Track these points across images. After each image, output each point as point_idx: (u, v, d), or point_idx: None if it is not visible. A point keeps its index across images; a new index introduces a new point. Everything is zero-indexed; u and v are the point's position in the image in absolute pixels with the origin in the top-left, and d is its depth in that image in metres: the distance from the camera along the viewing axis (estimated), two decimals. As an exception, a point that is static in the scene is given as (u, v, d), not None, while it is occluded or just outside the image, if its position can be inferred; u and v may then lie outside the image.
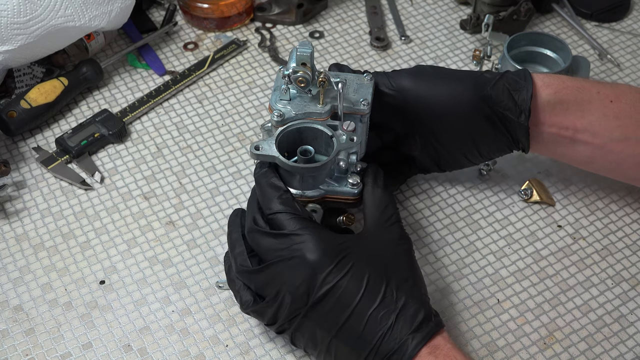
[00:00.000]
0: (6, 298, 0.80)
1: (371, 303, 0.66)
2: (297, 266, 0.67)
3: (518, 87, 0.77)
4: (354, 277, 0.67)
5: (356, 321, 0.66)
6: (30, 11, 0.90)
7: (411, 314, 0.66)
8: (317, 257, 0.67)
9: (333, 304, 0.66)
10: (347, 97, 0.76)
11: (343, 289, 0.66)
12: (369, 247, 0.70)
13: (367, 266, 0.67)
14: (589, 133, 0.78)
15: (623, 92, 0.79)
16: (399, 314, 0.66)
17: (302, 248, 0.67)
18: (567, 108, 0.77)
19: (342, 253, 0.68)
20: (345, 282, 0.66)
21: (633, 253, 0.84)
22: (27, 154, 0.93)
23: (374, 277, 0.67)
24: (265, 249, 0.70)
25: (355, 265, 0.67)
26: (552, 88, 0.77)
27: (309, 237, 0.68)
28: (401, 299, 0.66)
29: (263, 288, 0.70)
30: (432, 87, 0.78)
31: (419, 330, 0.65)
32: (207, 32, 1.09)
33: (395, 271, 0.68)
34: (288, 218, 0.69)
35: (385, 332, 0.65)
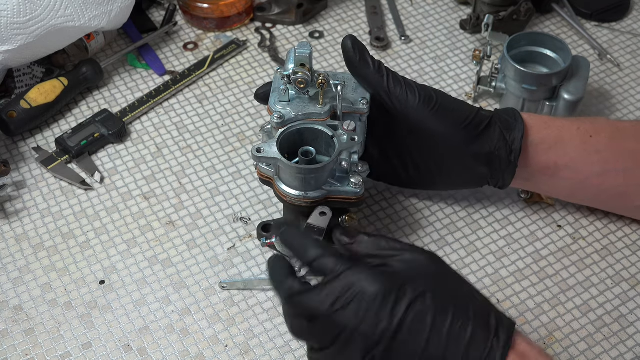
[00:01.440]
0: (6, 298, 0.80)
1: (444, 318, 0.61)
2: (360, 304, 0.61)
3: (510, 127, 0.78)
4: (419, 298, 0.62)
5: (436, 342, 0.61)
6: (30, 11, 0.90)
7: (484, 318, 0.62)
8: (379, 290, 0.61)
9: (408, 331, 0.61)
10: (346, 97, 0.76)
11: (415, 313, 0.61)
12: (411, 266, 0.65)
13: (423, 284, 0.63)
14: (570, 170, 0.79)
15: (602, 125, 0.81)
16: (474, 322, 0.61)
17: (360, 285, 0.62)
18: (549, 147, 0.79)
19: (396, 278, 0.63)
20: (414, 305, 0.61)
21: (633, 253, 0.84)
22: (27, 154, 0.93)
23: (435, 292, 0.62)
24: (316, 306, 0.63)
25: (412, 287, 0.62)
26: (535, 129, 0.79)
27: (363, 274, 0.62)
28: (469, 305, 0.62)
29: (324, 343, 0.64)
30: (432, 116, 0.77)
31: (498, 333, 0.61)
32: (207, 32, 1.09)
33: (446, 280, 0.65)
34: (333, 260, 0.64)
35: (467, 343, 0.61)
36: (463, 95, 1.00)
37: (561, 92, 0.91)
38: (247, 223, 0.86)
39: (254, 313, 0.79)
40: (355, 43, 0.76)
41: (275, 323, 0.78)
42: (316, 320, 0.63)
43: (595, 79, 1.02)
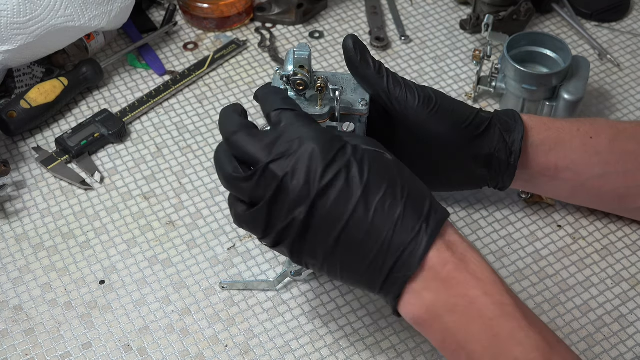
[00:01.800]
0: (6, 298, 0.80)
1: (376, 191, 0.60)
2: (296, 161, 0.61)
3: (509, 128, 0.78)
4: (354, 164, 0.61)
5: (362, 213, 0.60)
6: (30, 11, 0.90)
7: (418, 202, 0.61)
8: (316, 148, 0.61)
9: (337, 195, 0.60)
10: (345, 98, 0.76)
11: (346, 179, 0.61)
12: (362, 142, 0.65)
13: (362, 153, 0.63)
14: (571, 171, 0.79)
15: (602, 127, 0.81)
16: (407, 202, 0.61)
17: (303, 139, 0.62)
18: (549, 149, 0.79)
19: (340, 142, 0.63)
20: (347, 172, 0.61)
21: (633, 253, 0.84)
22: (27, 154, 0.93)
23: (372, 164, 0.62)
24: (255, 151, 0.63)
25: (352, 151, 0.62)
26: (535, 130, 0.79)
27: (311, 129, 0.62)
28: (405, 187, 0.62)
29: (256, 193, 0.63)
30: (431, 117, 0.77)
31: (429, 219, 0.61)
32: (207, 32, 1.09)
33: (387, 159, 0.64)
34: (292, 114, 0.64)
35: (395, 222, 0.60)
36: (463, 95, 1.00)
37: (561, 92, 0.91)
38: None
39: (254, 313, 0.79)
40: (357, 43, 0.76)
41: (275, 323, 0.78)
42: (254, 167, 0.63)
43: (595, 79, 1.02)
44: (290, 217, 0.62)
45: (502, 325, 0.60)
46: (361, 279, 0.63)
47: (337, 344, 0.77)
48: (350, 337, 0.77)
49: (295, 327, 0.78)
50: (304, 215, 0.61)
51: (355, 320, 0.79)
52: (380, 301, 0.80)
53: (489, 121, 0.78)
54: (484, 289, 0.61)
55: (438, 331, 0.62)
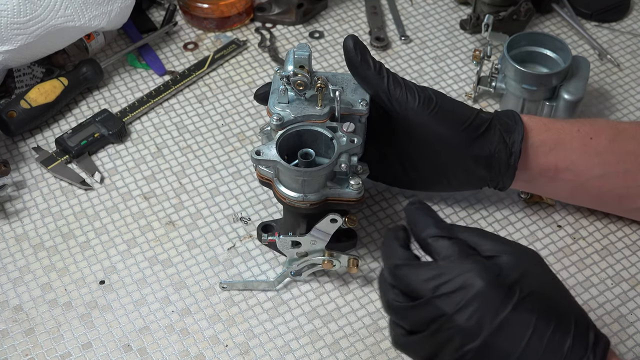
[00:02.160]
0: (6, 298, 0.80)
1: (547, 325, 0.59)
2: (464, 298, 0.59)
3: (509, 129, 0.78)
4: (526, 299, 0.59)
5: (535, 348, 0.58)
6: (30, 11, 0.90)
7: (584, 332, 0.60)
8: (488, 285, 0.59)
9: (509, 333, 0.59)
10: (345, 98, 0.76)
11: (520, 314, 0.59)
12: (519, 264, 0.62)
13: (531, 286, 0.61)
14: (571, 172, 0.79)
15: (602, 127, 0.81)
16: (574, 334, 0.59)
17: (470, 277, 0.59)
18: (549, 150, 0.79)
19: (506, 277, 0.60)
20: (518, 310, 0.59)
21: (633, 253, 0.84)
22: (27, 154, 0.93)
23: (542, 296, 0.60)
24: (421, 285, 0.61)
25: (521, 287, 0.60)
26: (535, 131, 0.79)
27: (475, 266, 0.60)
28: (571, 317, 0.60)
29: (417, 323, 0.62)
30: (431, 118, 0.76)
31: (595, 349, 0.59)
32: (207, 32, 1.09)
33: (551, 285, 0.62)
34: (448, 244, 0.62)
35: (564, 355, 0.59)
36: (463, 95, 1.00)
37: (561, 92, 0.91)
38: (247, 223, 0.86)
39: (254, 313, 0.79)
40: (357, 43, 0.76)
41: (275, 323, 0.78)
42: (415, 299, 0.61)
43: (595, 79, 1.02)
44: (460, 352, 0.60)
45: None
46: None
47: (337, 344, 0.77)
48: (350, 337, 0.77)
49: (295, 327, 0.78)
50: (475, 352, 0.59)
51: (355, 320, 0.79)
52: (379, 301, 0.80)
53: (489, 122, 0.78)
54: None
55: None
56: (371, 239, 0.85)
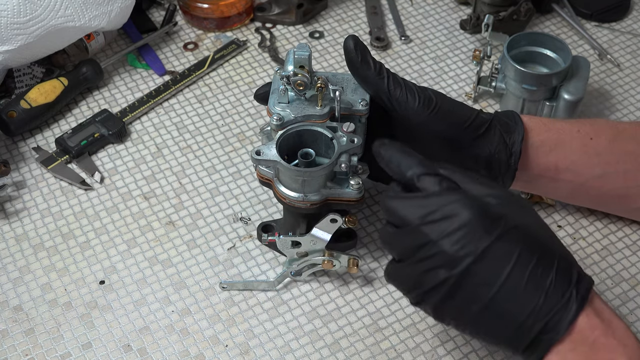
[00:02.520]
0: (6, 298, 0.80)
1: (530, 258, 0.61)
2: (451, 227, 0.61)
3: (509, 130, 0.78)
4: (511, 230, 0.61)
5: (516, 279, 0.61)
6: (30, 11, 0.90)
7: (568, 269, 0.62)
8: (474, 215, 0.61)
9: (491, 263, 0.61)
10: (345, 98, 0.76)
11: (501, 247, 0.61)
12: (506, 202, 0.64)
13: (517, 219, 0.63)
14: (571, 172, 0.79)
15: (602, 127, 0.81)
16: (558, 270, 0.61)
17: (457, 207, 0.61)
18: (549, 150, 0.79)
19: (492, 210, 0.62)
20: (503, 240, 0.61)
21: (633, 253, 0.84)
22: (27, 154, 0.93)
23: (528, 230, 0.62)
24: (408, 214, 0.63)
25: (506, 219, 0.62)
26: (535, 131, 0.79)
27: (462, 197, 0.62)
28: (556, 254, 0.62)
29: (404, 251, 0.64)
30: (431, 118, 0.76)
31: (578, 286, 0.61)
32: (207, 32, 1.09)
33: (537, 225, 0.64)
34: (434, 180, 0.64)
35: (546, 289, 0.60)
36: (463, 96, 1.00)
37: (561, 92, 0.91)
38: (247, 223, 0.86)
39: (254, 313, 0.79)
40: (357, 44, 0.76)
41: (275, 323, 0.78)
42: (404, 227, 0.63)
43: (595, 79, 1.03)
44: (440, 279, 0.62)
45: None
46: (504, 341, 0.63)
47: (337, 344, 0.77)
48: (350, 337, 0.77)
49: (295, 327, 0.78)
50: (455, 279, 0.61)
51: (355, 320, 0.79)
52: (379, 301, 0.80)
53: (489, 122, 0.78)
54: (629, 355, 0.61)
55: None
56: (371, 239, 0.85)
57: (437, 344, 0.77)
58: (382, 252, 0.84)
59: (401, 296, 0.80)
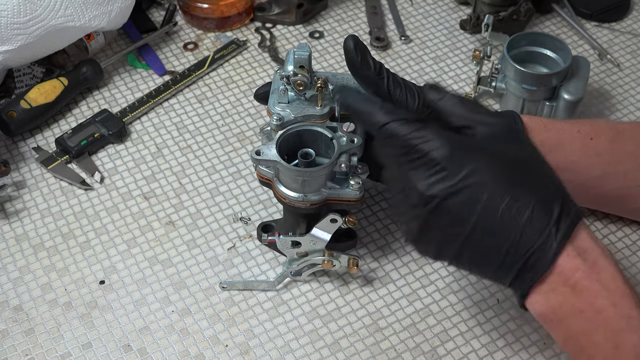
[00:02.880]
0: (6, 298, 0.80)
1: (504, 195, 0.61)
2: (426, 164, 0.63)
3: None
4: (482, 168, 0.62)
5: (489, 216, 0.61)
6: (30, 11, 0.90)
7: (548, 205, 0.62)
8: (446, 152, 0.63)
9: (464, 198, 0.62)
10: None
11: (474, 182, 0.62)
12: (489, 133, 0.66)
13: (492, 155, 0.64)
14: (571, 172, 0.79)
15: (602, 128, 0.81)
16: (535, 205, 0.61)
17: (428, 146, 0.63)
18: (549, 150, 0.78)
19: (467, 144, 0.65)
20: (475, 174, 0.62)
21: (633, 253, 0.84)
22: (27, 154, 0.93)
23: (503, 167, 0.63)
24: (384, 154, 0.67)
25: (482, 155, 0.63)
26: (534, 131, 0.79)
27: (433, 133, 0.64)
28: (534, 188, 0.62)
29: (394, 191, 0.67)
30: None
31: (559, 223, 0.61)
32: (207, 32, 1.09)
33: (521, 157, 0.65)
34: (401, 124, 0.65)
35: (522, 225, 0.61)
36: (463, 95, 1.00)
37: (561, 92, 0.91)
38: (247, 223, 0.86)
39: (254, 313, 0.79)
40: (357, 44, 0.76)
41: (275, 323, 0.78)
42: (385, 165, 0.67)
43: (595, 79, 1.03)
44: (412, 215, 0.64)
45: (626, 338, 0.60)
46: (492, 275, 0.65)
47: (337, 344, 0.77)
48: (350, 337, 0.77)
49: (295, 327, 0.78)
50: (426, 216, 0.63)
51: (355, 320, 0.79)
52: (379, 301, 0.80)
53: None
54: (612, 299, 0.61)
55: (561, 331, 0.63)
56: (371, 239, 0.85)
57: (437, 344, 0.77)
58: (382, 252, 0.84)
59: (401, 296, 0.80)
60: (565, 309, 0.62)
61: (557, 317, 0.63)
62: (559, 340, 0.65)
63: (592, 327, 0.61)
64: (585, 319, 0.62)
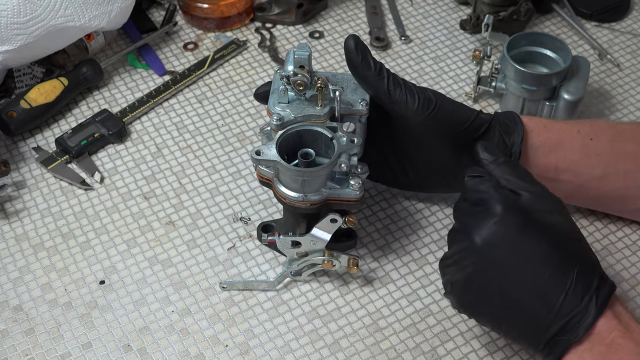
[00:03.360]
0: (6, 298, 0.80)
1: (552, 258, 0.64)
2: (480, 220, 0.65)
3: (509, 130, 0.78)
4: (535, 234, 0.65)
5: (537, 276, 0.64)
6: (30, 11, 0.90)
7: (590, 273, 0.64)
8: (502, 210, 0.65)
9: (512, 261, 0.64)
10: (345, 98, 0.76)
11: (524, 245, 0.64)
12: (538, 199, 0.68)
13: (544, 219, 0.66)
14: (571, 173, 0.79)
15: (602, 128, 0.81)
16: (579, 272, 0.63)
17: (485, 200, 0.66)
18: (549, 151, 0.79)
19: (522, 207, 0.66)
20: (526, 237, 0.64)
21: (633, 253, 0.84)
22: (27, 154, 0.93)
23: (554, 234, 0.65)
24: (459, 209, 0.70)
25: (536, 219, 0.65)
26: (534, 132, 0.79)
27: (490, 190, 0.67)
28: (578, 256, 0.65)
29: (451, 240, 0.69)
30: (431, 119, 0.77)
31: (599, 291, 0.64)
32: (207, 32, 1.09)
33: (565, 228, 0.67)
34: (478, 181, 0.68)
35: (567, 289, 0.63)
36: (463, 95, 1.00)
37: (561, 92, 0.91)
38: (247, 223, 0.86)
39: (254, 313, 0.79)
40: (358, 43, 0.76)
41: (275, 323, 0.78)
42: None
43: (595, 79, 1.03)
44: (463, 265, 0.66)
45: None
46: (525, 338, 0.66)
47: (337, 344, 0.77)
48: (350, 337, 0.77)
49: (295, 327, 0.78)
50: (476, 266, 0.65)
51: (355, 320, 0.79)
52: (379, 301, 0.80)
53: (488, 123, 0.78)
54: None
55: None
56: (371, 239, 0.85)
57: (437, 344, 0.77)
58: (382, 252, 0.84)
59: (401, 296, 0.80)
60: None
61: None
62: None
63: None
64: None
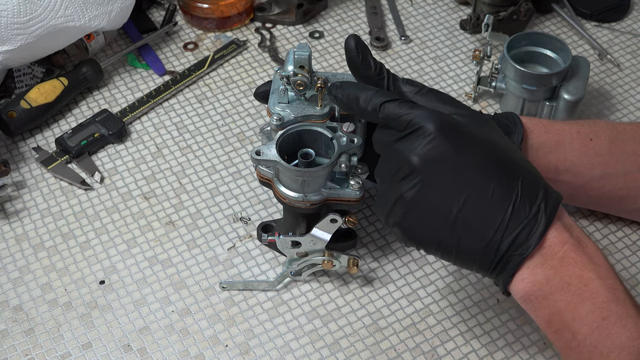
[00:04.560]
0: (6, 298, 0.80)
1: (493, 175, 0.63)
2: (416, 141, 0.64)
3: (509, 131, 0.78)
4: (474, 151, 0.64)
5: (481, 193, 0.62)
6: (30, 11, 0.90)
7: (534, 184, 0.63)
8: (437, 127, 0.64)
9: (453, 179, 0.63)
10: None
11: (464, 163, 0.63)
12: (472, 121, 0.67)
13: (482, 134, 0.65)
14: (571, 173, 0.79)
15: (601, 128, 0.81)
16: (523, 183, 0.63)
17: (420, 121, 0.64)
18: (549, 151, 0.79)
19: (456, 124, 0.65)
20: (464, 154, 0.63)
21: (633, 253, 0.84)
22: (27, 154, 0.93)
23: (493, 150, 0.65)
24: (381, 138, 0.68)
25: (474, 136, 0.65)
26: (534, 132, 0.79)
27: (424, 111, 0.65)
28: (519, 169, 0.64)
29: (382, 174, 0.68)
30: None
31: (547, 199, 0.63)
32: (207, 32, 1.09)
33: (503, 145, 0.66)
34: (396, 105, 0.67)
35: (512, 202, 0.62)
36: (463, 95, 1.00)
37: (561, 92, 0.91)
38: (247, 223, 0.86)
39: (254, 313, 0.79)
40: (359, 43, 0.76)
41: (275, 323, 0.78)
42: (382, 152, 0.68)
43: (595, 79, 1.03)
44: (401, 191, 0.65)
45: (612, 309, 0.61)
46: (475, 260, 0.64)
47: (337, 344, 0.77)
48: (350, 337, 0.77)
49: (295, 327, 0.78)
50: (417, 190, 0.64)
51: (355, 320, 0.79)
52: (379, 301, 0.80)
53: None
54: (598, 272, 0.62)
55: (546, 308, 0.63)
56: (371, 239, 0.85)
57: (437, 344, 0.77)
58: (382, 252, 0.84)
59: (401, 296, 0.80)
60: (552, 283, 0.62)
61: (543, 294, 0.63)
62: (542, 320, 0.64)
63: (579, 300, 0.62)
64: (572, 292, 0.62)
